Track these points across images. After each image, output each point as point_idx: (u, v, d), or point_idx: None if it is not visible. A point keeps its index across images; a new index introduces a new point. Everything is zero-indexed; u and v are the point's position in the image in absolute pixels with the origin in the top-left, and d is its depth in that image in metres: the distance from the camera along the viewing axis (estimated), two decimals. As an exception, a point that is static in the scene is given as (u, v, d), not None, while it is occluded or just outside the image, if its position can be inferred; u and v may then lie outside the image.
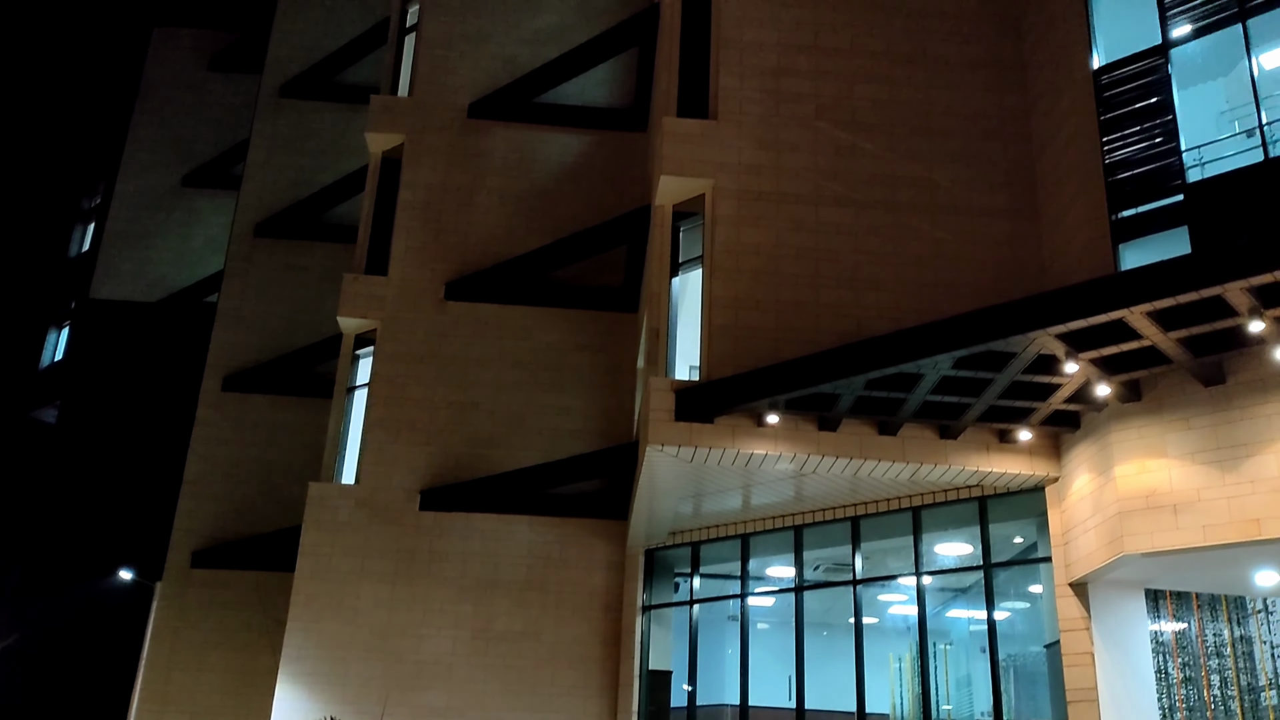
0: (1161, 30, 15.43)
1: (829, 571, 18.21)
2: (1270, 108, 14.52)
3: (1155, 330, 12.34)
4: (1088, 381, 13.66)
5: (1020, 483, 15.54)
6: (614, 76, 22.54)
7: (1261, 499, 12.62)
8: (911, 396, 14.24)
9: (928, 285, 16.50)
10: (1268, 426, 12.83)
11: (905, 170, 17.16)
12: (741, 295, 16.16)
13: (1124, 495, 13.64)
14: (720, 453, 15.15)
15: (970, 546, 16.77)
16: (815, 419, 15.12)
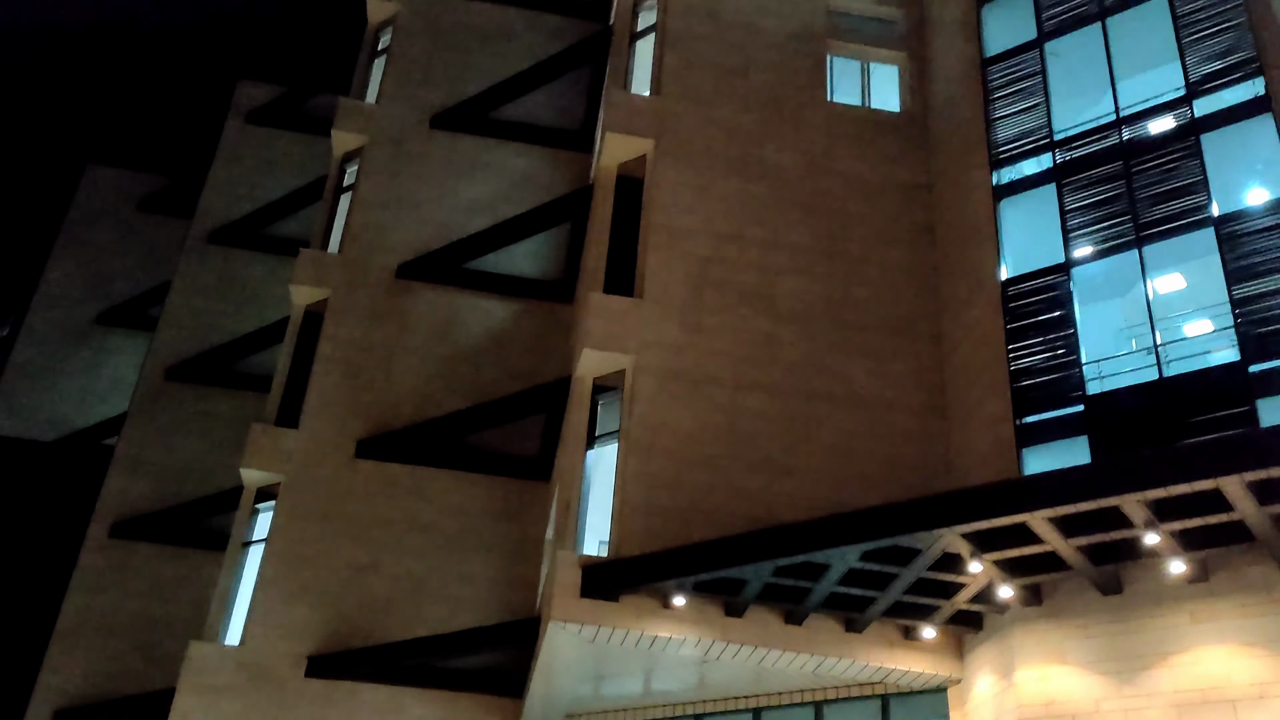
0: (1065, 250, 16.34)
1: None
2: (1164, 329, 15.32)
3: (1056, 536, 12.58)
4: (991, 583, 13.78)
5: (923, 682, 15.40)
6: (544, 249, 22.99)
7: (1157, 713, 12.66)
8: (819, 586, 14.19)
9: (839, 475, 16.69)
10: (1162, 639, 13.00)
11: (822, 361, 17.59)
12: (655, 474, 16.15)
13: (1024, 702, 13.58)
14: (624, 633, 14.82)
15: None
16: (722, 604, 14.93)
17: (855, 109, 20.28)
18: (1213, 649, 12.64)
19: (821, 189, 19.16)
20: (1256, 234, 14.71)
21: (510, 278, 22.52)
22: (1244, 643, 12.48)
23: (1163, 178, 15.86)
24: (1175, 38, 16.65)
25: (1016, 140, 17.81)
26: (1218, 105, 15.86)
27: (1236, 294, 14.47)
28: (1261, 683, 12.20)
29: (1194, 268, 15.69)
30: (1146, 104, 16.61)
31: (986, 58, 18.90)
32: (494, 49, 25.08)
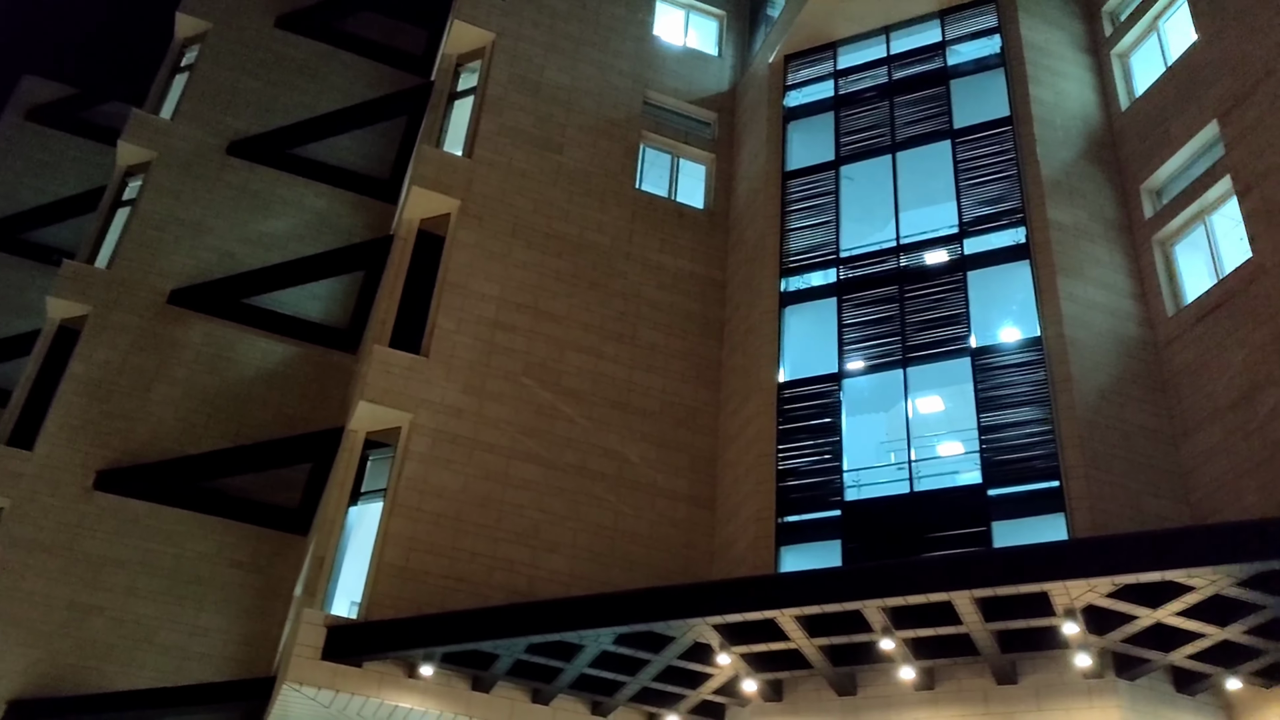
0: (839, 361, 17.19)
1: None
2: (919, 447, 16.28)
3: (801, 634, 12.98)
4: (737, 675, 14.04)
5: (670, 767, 15.44)
6: (334, 294, 22.33)
7: (877, 815, 13.13)
8: (570, 666, 14.08)
9: (604, 555, 16.74)
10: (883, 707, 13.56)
11: (599, 440, 17.71)
12: (418, 536, 15.74)
13: (756, 796, 13.81)
14: (364, 701, 14.21)
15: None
16: (470, 678, 14.58)
17: (661, 200, 20.86)
18: None
19: (619, 271, 19.52)
20: (1005, 369, 15.92)
21: (293, 319, 21.70)
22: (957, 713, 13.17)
23: (931, 306, 17.00)
24: (954, 179, 18.02)
25: (806, 252, 18.73)
26: (984, 246, 17.21)
27: (984, 421, 15.56)
28: (972, 790, 12.86)
29: (951, 393, 16.82)
30: (924, 236, 17.84)
31: (787, 171, 19.89)
32: (306, 85, 24.47)
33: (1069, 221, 16.91)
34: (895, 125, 19.25)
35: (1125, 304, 16.46)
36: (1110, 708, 12.72)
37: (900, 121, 19.27)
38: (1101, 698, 12.82)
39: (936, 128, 18.79)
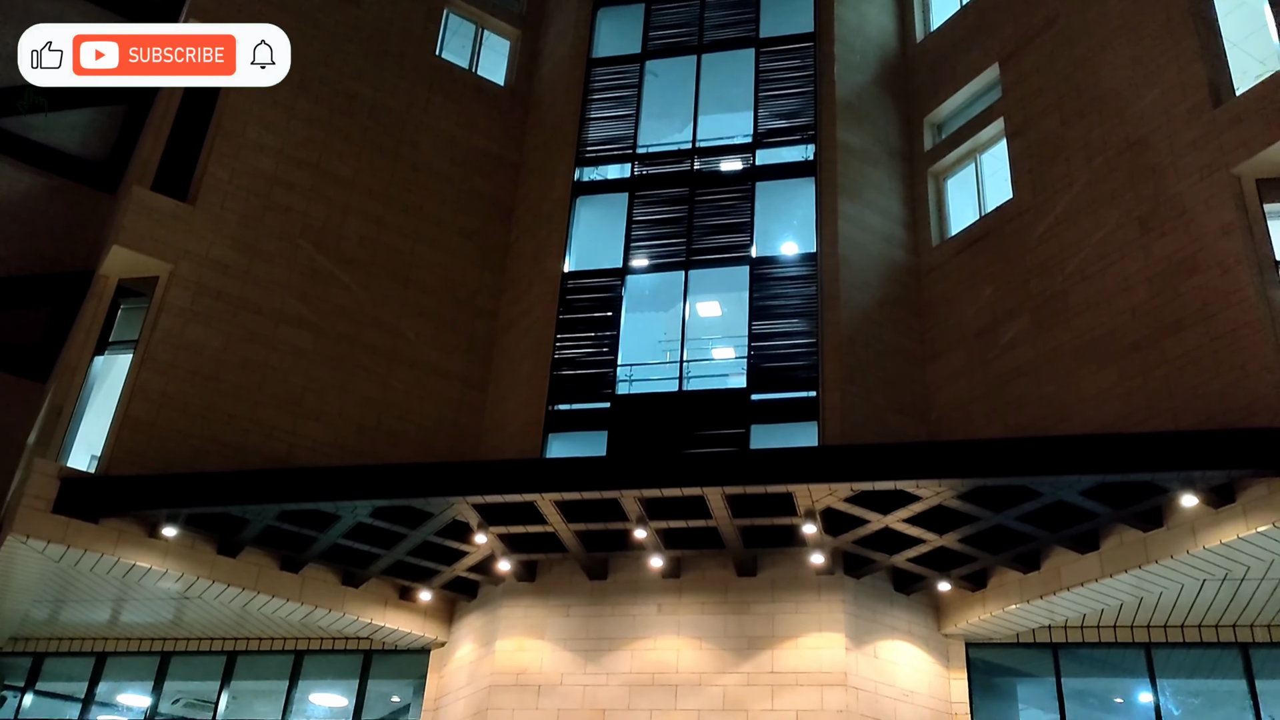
0: (625, 257, 17.33)
1: (189, 707, 16.75)
2: (693, 348, 16.75)
3: (559, 519, 13.28)
4: (493, 555, 14.25)
5: (410, 642, 15.60)
6: (94, 125, 20.49)
7: (611, 691, 13.78)
8: (323, 537, 13.89)
9: (370, 429, 16.47)
10: (632, 625, 14.17)
11: (375, 312, 17.26)
12: (170, 394, 14.97)
13: (498, 669, 14.20)
14: (98, 558, 13.58)
15: (345, 699, 16.38)
16: (216, 541, 14.15)
17: (462, 71, 20.17)
18: (670, 639, 13.98)
19: (411, 140, 18.84)
20: (780, 280, 16.51)
21: (45, 147, 19.81)
22: (695, 636, 13.92)
23: (718, 212, 17.33)
24: (754, 89, 18.26)
25: (603, 143, 18.63)
26: (775, 159, 17.63)
27: (754, 329, 16.14)
28: (701, 671, 13.68)
29: (728, 299, 17.31)
30: (720, 142, 18.06)
31: (593, 58, 19.60)
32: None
33: (856, 144, 17.51)
34: (704, 26, 19.24)
35: (897, 230, 17.30)
36: (836, 602, 13.74)
37: (709, 24, 19.27)
38: (829, 593, 13.81)
39: (743, 34, 18.92)
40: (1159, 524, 12.04)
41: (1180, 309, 13.04)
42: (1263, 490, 11.17)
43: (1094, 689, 15.20)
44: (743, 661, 13.67)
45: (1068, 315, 14.42)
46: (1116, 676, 14.75)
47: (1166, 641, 13.76)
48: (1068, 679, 14.15)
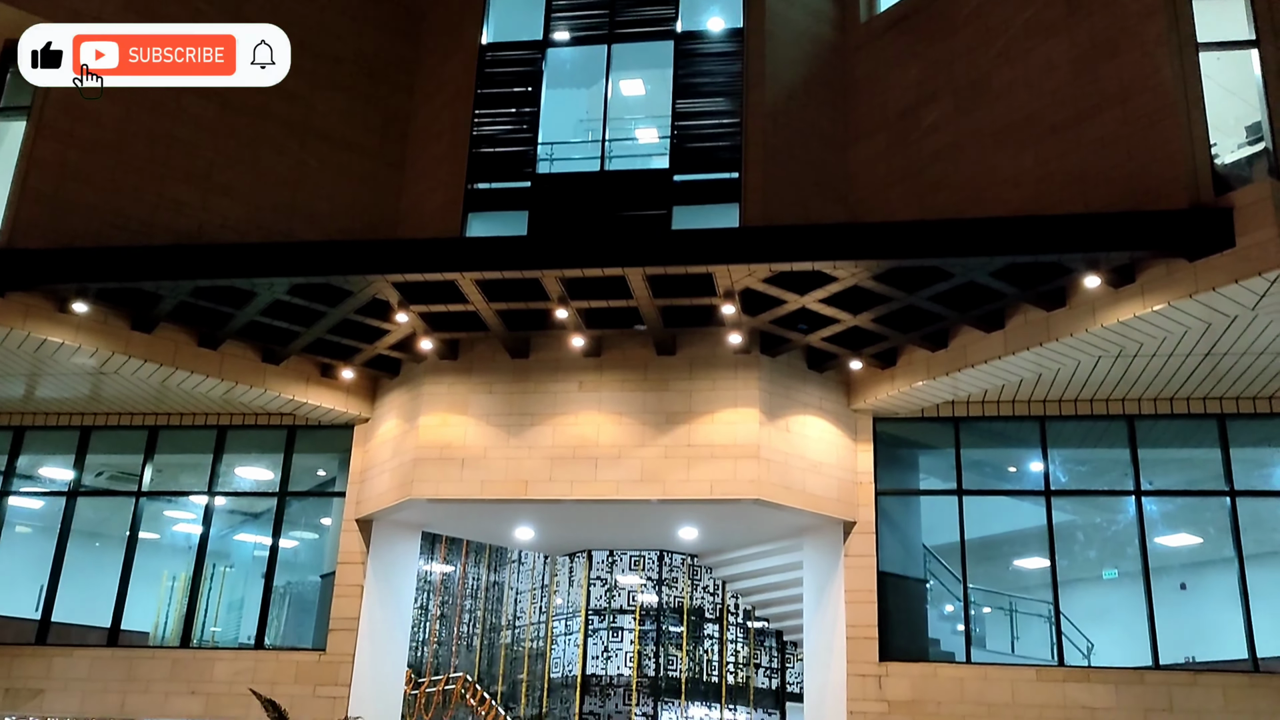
0: (545, 28, 16.69)
1: (113, 479, 16.95)
2: (616, 127, 16.44)
3: (480, 298, 13.31)
4: (414, 333, 14.31)
5: (333, 418, 15.81)
6: None
7: (534, 464, 14.24)
8: (241, 314, 13.77)
9: (285, 208, 16.06)
10: (553, 402, 14.51)
11: (287, 85, 16.33)
12: (71, 165, 14.35)
13: (422, 444, 14.52)
14: (7, 333, 13.33)
15: (271, 473, 16.70)
16: (129, 316, 13.94)
17: None
18: (590, 414, 14.37)
19: (317, -104, 17.56)
20: (705, 57, 16.11)
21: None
22: (615, 412, 14.32)
23: (644, -18, 16.64)
24: None
25: (524, -95, 17.58)
26: (703, -73, 16.86)
27: (678, 108, 15.85)
28: (621, 445, 14.16)
29: (652, 76, 16.88)
30: (645, -93, 17.15)
31: None
32: None
33: (788, -86, 16.79)
34: None
35: (825, 6, 16.86)
36: (751, 380, 14.17)
37: None
38: (745, 371, 14.22)
39: None
40: (1062, 304, 12.49)
41: (1099, 92, 13.08)
42: (1161, 271, 11.60)
43: (990, 459, 16.15)
44: (660, 435, 14.15)
45: (990, 98, 14.39)
46: (1011, 448, 15.65)
47: (1060, 415, 14.55)
48: (966, 450, 14.98)
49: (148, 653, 15.73)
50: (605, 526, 16.53)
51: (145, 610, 16.92)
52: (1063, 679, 13.61)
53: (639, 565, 18.57)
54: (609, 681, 18.12)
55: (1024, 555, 17.78)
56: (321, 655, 14.82)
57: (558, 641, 19.28)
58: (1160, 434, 14.67)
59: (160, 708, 15.08)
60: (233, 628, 17.58)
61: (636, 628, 18.28)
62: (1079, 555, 18.41)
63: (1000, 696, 13.54)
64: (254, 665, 14.67)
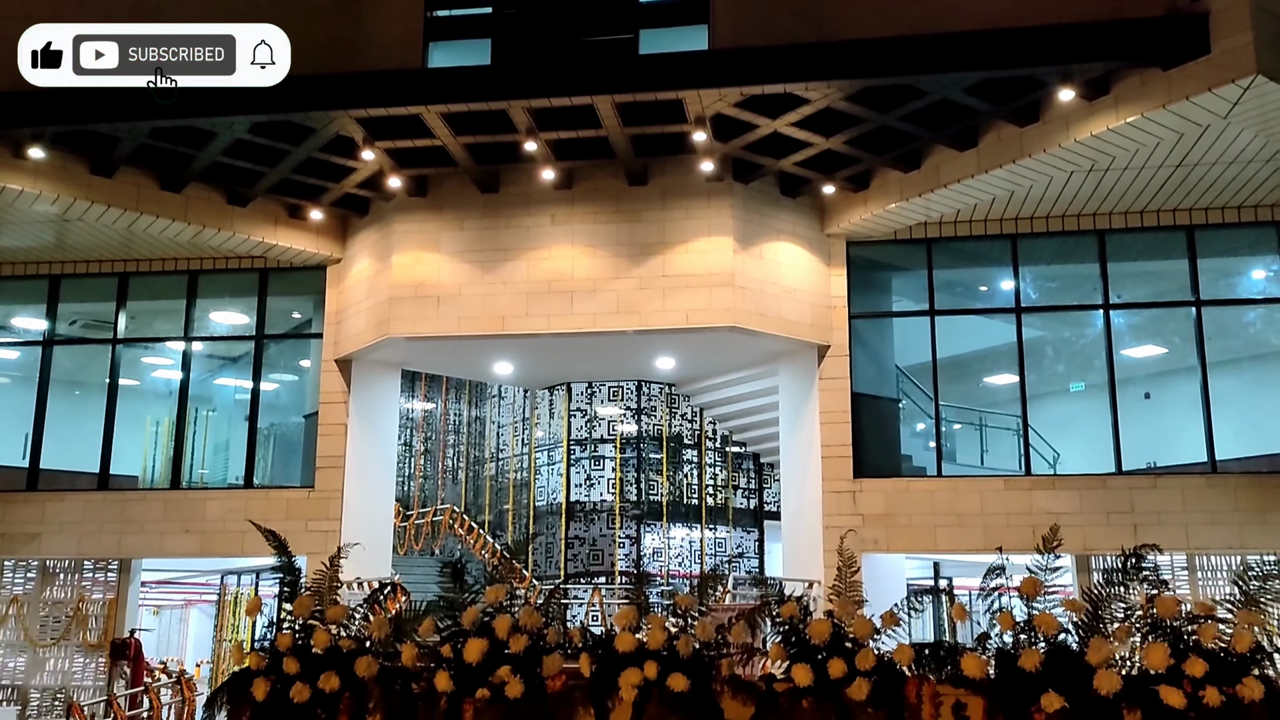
0: None
1: (87, 328, 16.89)
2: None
3: (447, 132, 13.04)
4: (381, 171, 14.06)
5: (304, 259, 15.68)
6: None
7: (509, 299, 14.27)
8: (202, 155, 13.48)
9: (236, 41, 15.48)
10: (525, 236, 14.42)
11: (228, -91, 15.67)
12: (11, 3, 13.72)
13: (397, 283, 14.48)
14: (-37, 183, 13.03)
15: (246, 317, 16.67)
16: (88, 161, 13.61)
17: None
18: (564, 248, 14.32)
19: None
20: None
21: None
22: (589, 244, 14.28)
23: None
24: None
25: None
26: None
27: (644, -76, 15.20)
28: (595, 278, 14.18)
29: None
30: None
31: None
32: None
33: None
34: None
35: None
36: (724, 207, 14.11)
37: None
38: (718, 199, 14.14)
39: None
40: (1035, 119, 12.39)
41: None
42: (1135, 82, 11.48)
43: (962, 279, 16.30)
44: (635, 267, 14.16)
45: (966, -95, 13.86)
46: (983, 267, 15.79)
47: (1031, 232, 14.63)
48: (938, 271, 15.09)
49: (139, 495, 16.05)
50: (583, 359, 16.72)
51: (132, 455, 17.16)
52: (1029, 487, 14.13)
53: (618, 396, 18.89)
54: (592, 507, 18.69)
55: (994, 372, 18.17)
56: (310, 492, 15.15)
57: (541, 472, 19.76)
58: (1129, 247, 14.80)
59: (157, 546, 15.49)
60: (220, 469, 17.89)
61: (617, 456, 18.74)
62: (1047, 370, 18.82)
63: (969, 506, 14.06)
64: (245, 504, 14.99)
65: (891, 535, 14.17)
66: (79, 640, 15.51)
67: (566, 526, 18.65)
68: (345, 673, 4.29)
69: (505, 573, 4.63)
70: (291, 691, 4.27)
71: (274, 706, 4.31)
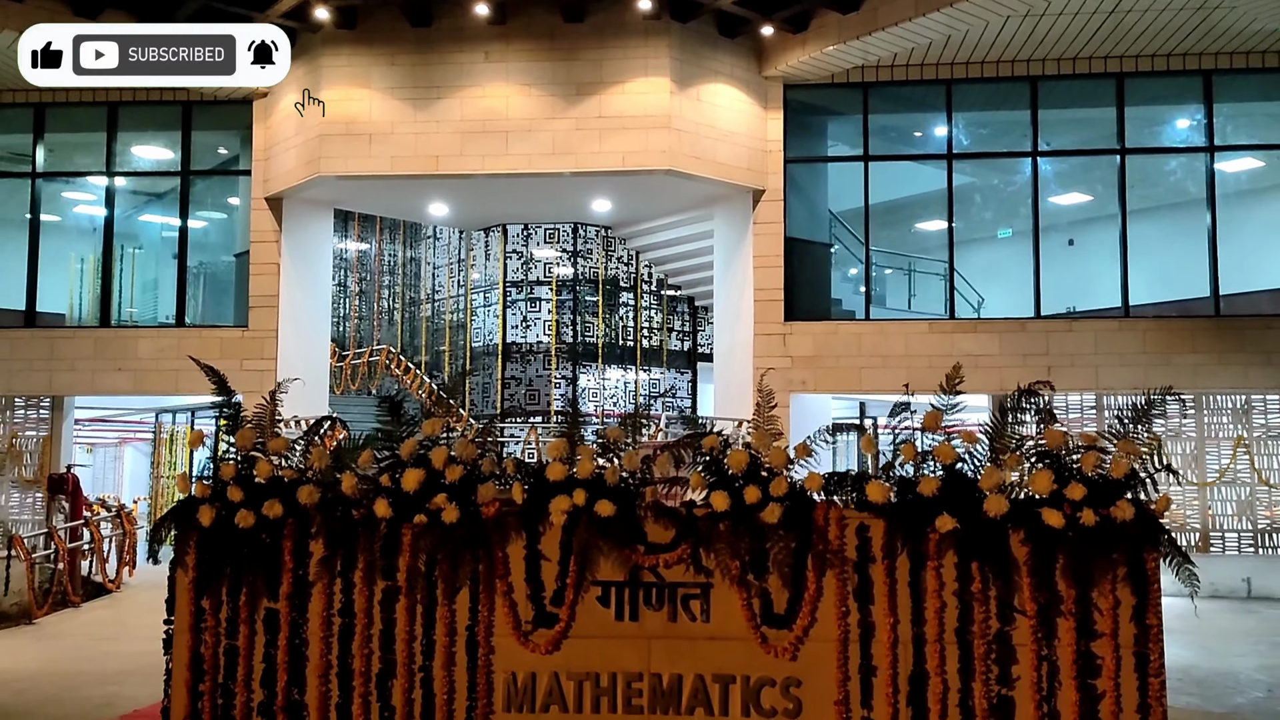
0: None
1: (5, 161, 16.36)
2: None
3: (375, -42, 12.59)
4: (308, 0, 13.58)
5: (228, 93, 15.22)
6: None
7: (443, 138, 14.07)
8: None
9: None
10: (459, 73, 14.13)
11: None
12: None
13: (327, 119, 14.17)
14: None
15: (171, 152, 16.25)
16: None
17: None
18: (499, 86, 14.08)
19: None
20: None
21: None
22: (524, 83, 14.05)
23: None
24: None
25: None
26: None
27: None
28: (531, 118, 14.01)
29: None
30: None
31: None
32: None
33: None
34: None
35: None
36: (662, 47, 13.91)
37: None
38: (656, 38, 13.92)
39: None
40: (974, -38, 12.31)
41: None
42: (1074, -74, 11.43)
43: (896, 124, 16.39)
44: (571, 107, 14.00)
45: None
46: (918, 112, 15.86)
47: (966, 77, 14.66)
48: (874, 116, 15.14)
49: (68, 332, 15.90)
50: (519, 200, 16.66)
51: (57, 292, 16.90)
52: (952, 330, 14.62)
53: (554, 238, 18.91)
54: (529, 349, 18.93)
55: (925, 218, 18.47)
56: (244, 331, 15.13)
57: (477, 314, 19.88)
58: (1060, 94, 14.95)
59: (89, 384, 15.45)
60: (150, 307, 17.72)
61: (554, 298, 18.89)
62: (976, 216, 19.19)
63: (894, 348, 14.53)
64: (177, 342, 14.95)
65: (819, 376, 14.63)
66: (14, 476, 15.61)
67: (503, 367, 18.91)
68: (288, 501, 4.49)
69: (440, 409, 4.82)
70: (236, 518, 4.47)
71: (219, 532, 4.52)
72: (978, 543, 4.17)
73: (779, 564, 4.27)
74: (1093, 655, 4.18)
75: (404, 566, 4.41)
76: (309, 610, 4.44)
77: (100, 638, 10.64)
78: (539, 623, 4.37)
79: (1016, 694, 4.20)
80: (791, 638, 4.26)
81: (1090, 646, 4.18)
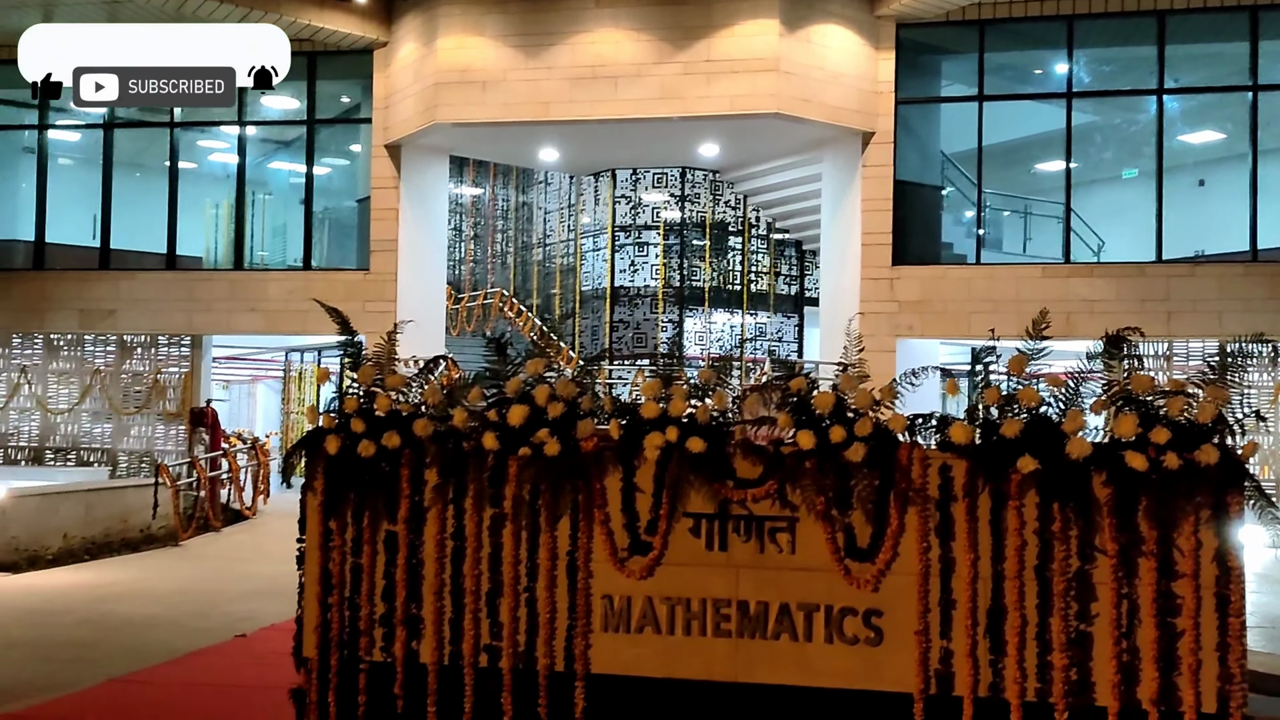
0: None
1: (145, 111, 17.23)
2: None
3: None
4: (423, -50, 13.90)
5: (351, 42, 15.73)
6: None
7: (553, 85, 14.31)
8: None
9: None
10: (569, 19, 14.32)
11: None
12: None
13: (442, 68, 14.56)
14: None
15: (297, 101, 16.89)
16: (133, -56, 13.62)
17: None
18: (607, 31, 14.22)
19: None
20: None
21: None
22: (633, 28, 14.16)
23: None
24: None
25: None
26: None
27: None
28: (639, 63, 14.14)
29: None
30: None
31: None
32: None
33: None
34: None
35: None
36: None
37: None
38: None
39: None
40: (1096, -107, 11.89)
41: None
42: None
43: (1014, 62, 15.98)
44: (679, 52, 14.07)
45: None
46: (1037, 49, 15.44)
47: (1090, 12, 14.21)
48: (990, 54, 14.81)
49: (205, 275, 16.82)
50: (627, 145, 16.83)
51: (195, 236, 17.83)
52: (1067, 275, 14.34)
53: (662, 182, 19.05)
54: (636, 292, 19.21)
55: (1043, 159, 18.01)
56: (366, 274, 15.76)
57: (587, 257, 20.21)
58: (1190, 29, 14.37)
59: (225, 324, 16.35)
60: (279, 251, 18.54)
61: (662, 242, 19.08)
62: (1097, 156, 18.60)
63: (1005, 293, 14.33)
64: (305, 285, 15.67)
65: (926, 321, 14.56)
66: (159, 409, 16.67)
67: (611, 310, 19.24)
68: (404, 433, 4.83)
69: (546, 349, 5.09)
70: (359, 447, 4.84)
71: (344, 460, 4.89)
72: (1060, 484, 4.26)
73: (863, 500, 4.44)
74: (1173, 594, 4.25)
75: (510, 495, 4.72)
76: (424, 533, 4.80)
77: (239, 559, 11.44)
78: (634, 550, 4.63)
79: (1095, 630, 4.31)
80: (874, 570, 4.43)
81: (1171, 586, 4.26)
